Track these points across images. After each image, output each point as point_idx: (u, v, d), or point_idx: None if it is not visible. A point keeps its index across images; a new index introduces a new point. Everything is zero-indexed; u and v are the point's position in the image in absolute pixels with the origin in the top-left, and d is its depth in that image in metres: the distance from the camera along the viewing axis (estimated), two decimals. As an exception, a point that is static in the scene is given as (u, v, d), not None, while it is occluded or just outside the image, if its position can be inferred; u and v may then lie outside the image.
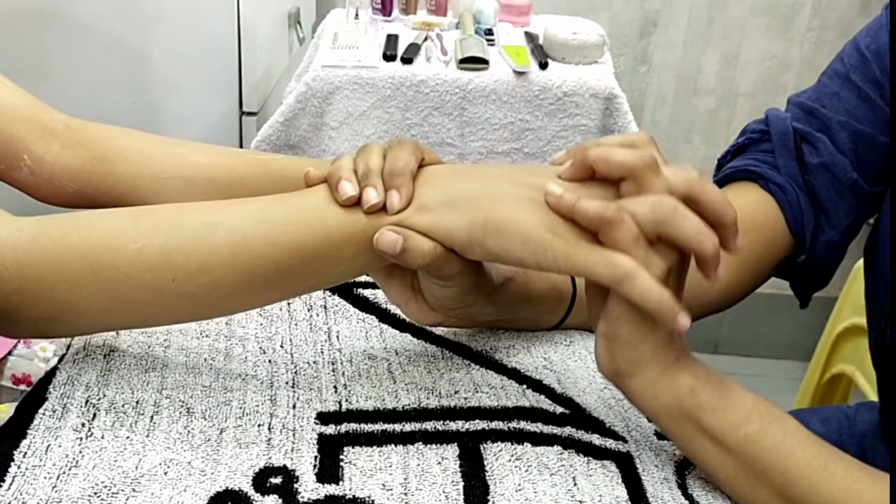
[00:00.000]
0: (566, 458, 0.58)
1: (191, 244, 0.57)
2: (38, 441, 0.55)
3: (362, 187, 0.57)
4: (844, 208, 0.74)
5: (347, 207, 0.57)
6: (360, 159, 0.58)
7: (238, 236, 0.57)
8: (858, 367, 1.23)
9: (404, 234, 0.55)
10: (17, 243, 0.57)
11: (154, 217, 0.58)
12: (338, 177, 0.57)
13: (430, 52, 1.52)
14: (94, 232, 0.57)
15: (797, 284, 0.80)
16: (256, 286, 0.59)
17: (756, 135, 0.78)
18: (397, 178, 0.56)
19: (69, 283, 0.57)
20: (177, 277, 0.57)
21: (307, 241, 0.57)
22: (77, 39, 1.49)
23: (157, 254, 0.56)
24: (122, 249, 0.56)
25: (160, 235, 0.57)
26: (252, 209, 0.59)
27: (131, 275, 0.57)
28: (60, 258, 0.57)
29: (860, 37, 0.74)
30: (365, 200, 0.56)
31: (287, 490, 0.53)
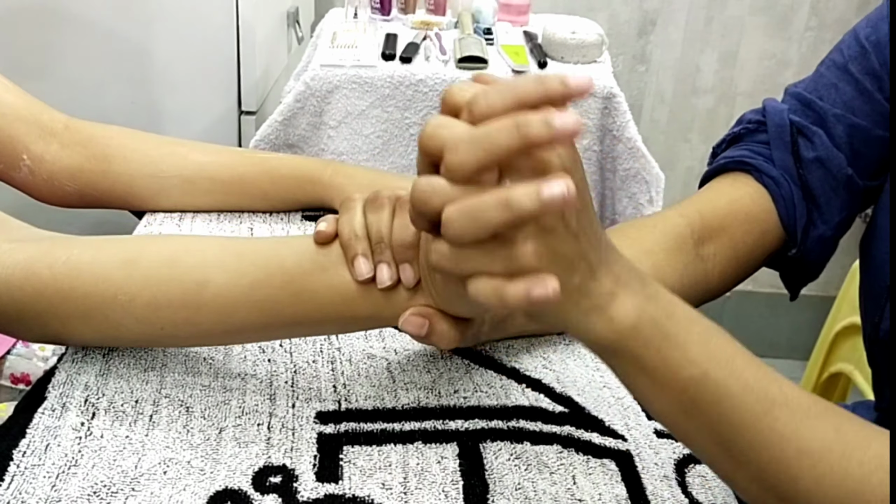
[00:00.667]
0: (565, 456, 0.58)
1: (179, 301, 0.56)
2: (37, 440, 0.55)
3: (375, 264, 0.55)
4: (837, 204, 0.74)
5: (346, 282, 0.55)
6: (371, 221, 0.56)
7: (228, 299, 0.56)
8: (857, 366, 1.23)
9: (430, 318, 0.54)
10: (10, 281, 0.58)
11: (145, 269, 0.57)
12: (354, 251, 0.55)
13: (428, 51, 1.51)
14: (84, 280, 0.57)
15: (787, 276, 0.80)
16: (245, 337, 0.60)
17: (752, 125, 0.78)
18: (409, 251, 0.54)
19: (62, 320, 0.58)
20: (164, 327, 0.57)
21: (298, 312, 0.56)
22: (77, 38, 1.48)
23: (146, 307, 0.57)
24: (111, 301, 0.57)
25: (149, 289, 0.57)
26: (246, 269, 0.57)
27: (121, 322, 0.58)
28: (53, 301, 0.58)
29: (860, 27, 0.74)
30: (379, 281, 0.55)
31: (286, 489, 0.53)
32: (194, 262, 0.57)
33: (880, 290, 0.71)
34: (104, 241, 0.60)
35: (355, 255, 0.55)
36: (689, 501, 0.56)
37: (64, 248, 0.59)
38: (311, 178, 0.84)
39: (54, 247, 0.59)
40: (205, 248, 0.58)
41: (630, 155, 1.49)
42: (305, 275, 0.56)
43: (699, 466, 0.59)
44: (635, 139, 1.49)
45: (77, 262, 0.58)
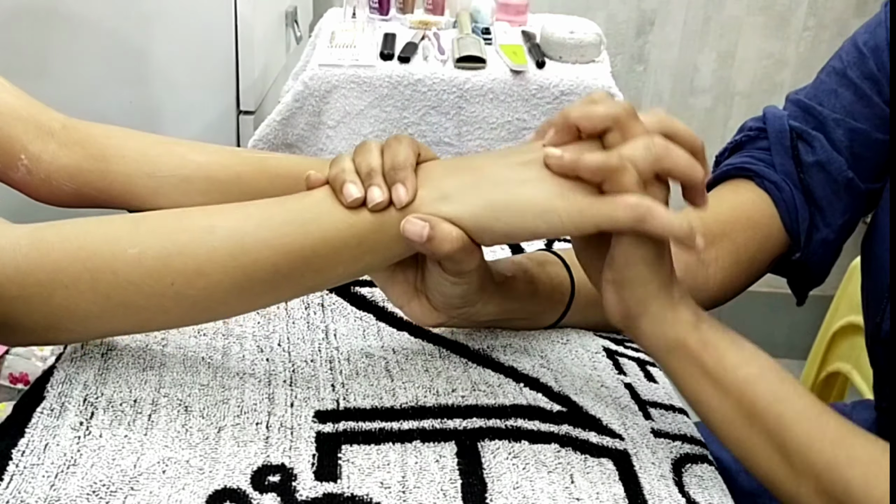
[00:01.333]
0: (563, 455, 0.58)
1: (189, 248, 0.57)
2: (36, 440, 0.55)
3: (366, 187, 0.57)
4: (839, 207, 0.74)
5: (348, 209, 0.57)
6: (359, 159, 0.58)
7: (236, 239, 0.57)
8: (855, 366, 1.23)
9: (431, 220, 0.55)
10: (17, 250, 0.57)
11: (152, 221, 0.58)
12: (342, 180, 0.57)
13: (427, 51, 1.52)
14: (92, 238, 0.57)
15: (793, 281, 0.80)
16: (254, 289, 0.59)
17: (753, 132, 0.79)
18: (400, 172, 0.56)
19: (68, 288, 0.57)
20: (175, 281, 0.57)
21: (306, 244, 0.57)
22: (75, 38, 1.48)
23: (156, 258, 0.56)
24: (120, 255, 0.56)
25: (158, 240, 0.57)
26: (250, 212, 0.58)
27: (130, 279, 0.57)
28: (60, 264, 0.57)
29: (858, 34, 0.75)
30: (370, 199, 0.56)
31: (285, 488, 0.53)
32: (199, 212, 0.59)
33: (882, 290, 0.71)
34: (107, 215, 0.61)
35: (343, 181, 0.57)
36: (686, 501, 0.56)
37: (68, 220, 0.59)
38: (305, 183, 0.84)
39: (59, 221, 0.59)
40: (208, 206, 0.60)
41: (628, 154, 1.49)
42: (308, 207, 0.58)
43: (696, 466, 0.60)
44: (633, 139, 1.49)
45: (84, 224, 0.58)
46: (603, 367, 0.69)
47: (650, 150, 0.54)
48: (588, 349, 0.71)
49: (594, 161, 0.53)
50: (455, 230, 0.56)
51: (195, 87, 1.52)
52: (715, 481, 0.59)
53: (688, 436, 0.63)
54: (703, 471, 0.59)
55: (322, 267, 0.58)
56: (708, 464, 0.60)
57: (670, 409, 0.65)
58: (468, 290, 0.61)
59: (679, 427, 0.63)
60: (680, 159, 0.55)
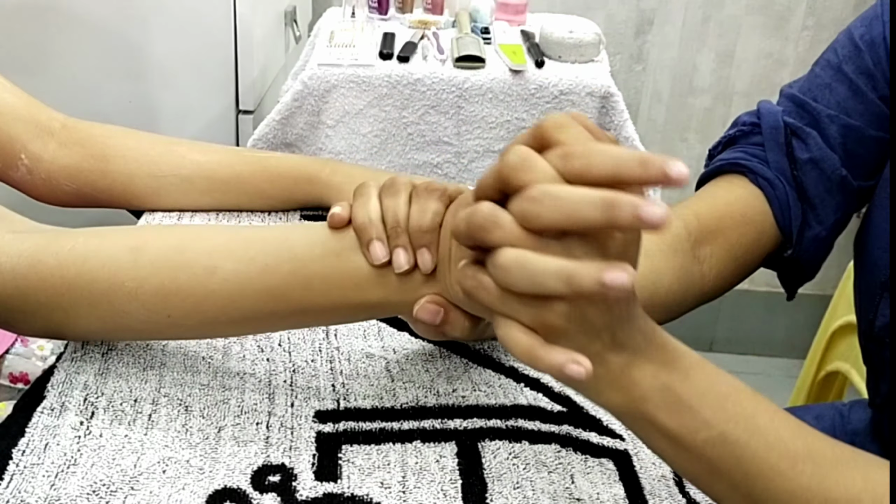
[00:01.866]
0: (564, 455, 0.58)
1: (187, 288, 0.56)
2: (36, 439, 0.55)
3: (391, 248, 0.54)
4: (832, 204, 0.74)
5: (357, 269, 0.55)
6: (387, 206, 0.55)
7: (236, 284, 0.56)
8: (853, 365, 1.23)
9: (445, 307, 0.54)
10: (16, 270, 0.57)
11: (152, 254, 0.57)
12: (368, 237, 0.54)
13: (426, 50, 1.52)
14: (91, 266, 0.57)
15: (784, 276, 0.80)
16: (251, 326, 0.59)
17: (747, 127, 0.78)
18: (426, 236, 0.53)
19: (67, 311, 0.58)
20: (172, 314, 0.57)
21: (308, 299, 0.56)
22: (74, 37, 1.48)
23: (154, 294, 0.56)
24: (118, 287, 0.56)
25: (157, 276, 0.56)
26: (255, 255, 0.56)
27: (127, 310, 0.57)
28: (58, 290, 0.57)
29: (854, 26, 0.74)
30: (396, 266, 0.54)
31: (285, 488, 0.53)
32: (202, 249, 0.57)
33: (875, 287, 0.71)
34: (109, 230, 0.60)
35: (370, 239, 0.54)
36: (687, 501, 0.56)
37: (69, 237, 0.59)
38: (310, 177, 0.84)
39: (59, 236, 0.59)
40: (212, 235, 0.58)
41: (627, 154, 1.49)
42: (316, 260, 0.55)
43: (697, 465, 0.60)
44: (633, 138, 1.49)
45: (83, 250, 0.57)
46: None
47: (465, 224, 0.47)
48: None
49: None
50: (462, 321, 0.54)
51: (194, 87, 1.52)
52: None
53: (688, 436, 0.63)
54: (703, 471, 0.59)
55: (321, 319, 0.58)
56: (708, 464, 0.60)
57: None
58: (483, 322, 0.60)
59: (679, 427, 0.63)
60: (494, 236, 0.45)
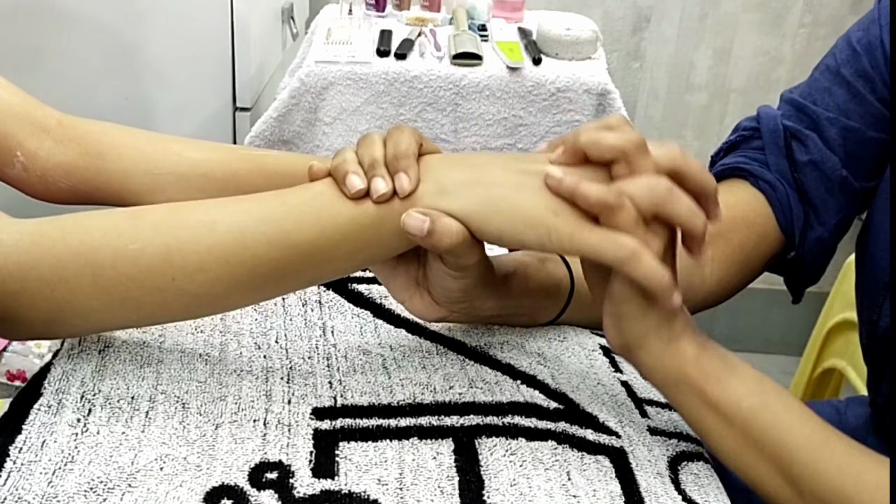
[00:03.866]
0: (560, 452, 0.58)
1: (189, 244, 0.57)
2: (33, 436, 0.55)
3: (369, 178, 0.56)
4: (834, 205, 0.74)
5: (345, 202, 0.57)
6: (362, 150, 0.58)
7: (236, 235, 0.57)
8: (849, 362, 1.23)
9: (432, 215, 0.55)
10: (17, 245, 0.57)
11: (152, 216, 0.58)
12: (344, 171, 0.57)
13: (423, 47, 1.52)
14: (93, 233, 0.57)
15: (789, 280, 0.81)
16: (255, 283, 0.59)
17: (748, 132, 0.79)
18: (402, 161, 0.56)
19: (70, 283, 0.57)
20: (176, 277, 0.57)
21: (305, 238, 0.57)
22: (71, 34, 1.48)
23: (157, 254, 0.57)
24: (121, 250, 0.57)
25: (159, 235, 0.57)
26: (250, 206, 0.59)
27: (131, 275, 0.57)
28: (61, 260, 0.57)
29: (852, 31, 0.75)
30: (374, 190, 0.56)
31: (282, 485, 0.53)
32: (199, 207, 0.59)
33: (878, 287, 0.72)
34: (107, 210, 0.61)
35: (346, 172, 0.56)
36: (683, 498, 0.56)
37: (69, 215, 0.59)
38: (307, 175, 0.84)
39: (59, 216, 0.59)
40: (206, 199, 0.60)
41: (624, 151, 1.49)
42: (308, 200, 0.58)
43: (692, 464, 0.60)
44: (630, 136, 1.49)
45: (84, 221, 0.58)
46: (600, 364, 0.69)
47: (652, 191, 0.53)
48: (585, 347, 0.71)
49: (591, 192, 0.52)
50: (455, 224, 0.55)
51: (191, 84, 1.52)
52: (711, 479, 0.59)
53: (684, 434, 0.63)
54: (700, 468, 0.60)
55: (322, 261, 0.59)
56: (704, 461, 0.61)
57: (666, 407, 0.65)
58: (469, 285, 0.61)
59: (675, 425, 0.63)
60: (681, 207, 0.53)
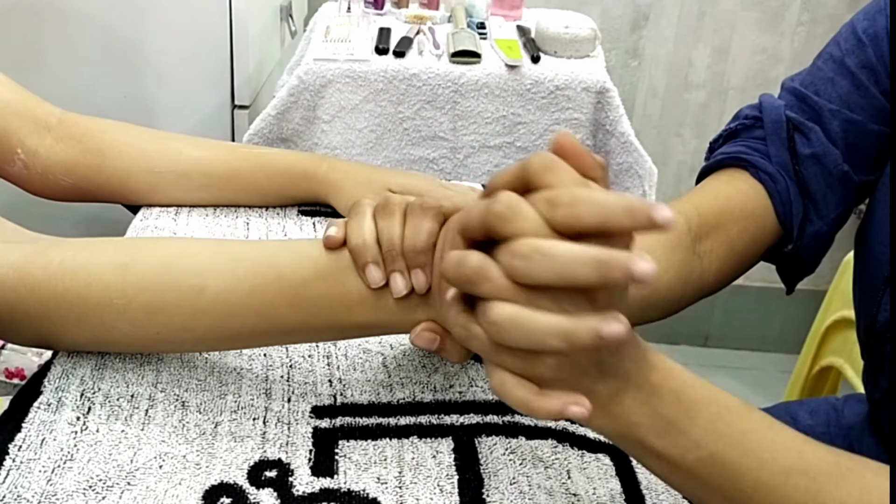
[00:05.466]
0: (560, 451, 0.58)
1: (175, 306, 0.56)
2: (33, 434, 0.55)
3: (388, 272, 0.54)
4: (833, 200, 0.74)
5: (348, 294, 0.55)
6: (382, 227, 0.55)
7: (225, 305, 0.56)
8: (847, 360, 1.23)
9: (441, 335, 0.54)
10: (4, 282, 0.57)
11: (140, 271, 0.57)
12: (364, 261, 0.54)
13: (422, 45, 1.51)
14: (79, 282, 0.57)
15: (783, 270, 0.80)
16: (242, 343, 0.60)
17: (749, 121, 0.78)
18: (420, 256, 0.53)
19: (55, 323, 0.58)
20: (160, 332, 0.57)
21: (297, 321, 0.56)
22: (70, 32, 1.48)
23: (142, 311, 0.56)
24: (106, 304, 0.56)
25: (145, 293, 0.56)
26: (244, 275, 0.56)
27: (116, 326, 0.57)
28: (47, 304, 0.57)
29: (857, 20, 0.74)
30: (395, 291, 0.54)
31: (282, 483, 0.54)
32: (190, 267, 0.57)
33: (877, 282, 0.71)
34: (98, 242, 0.60)
35: (366, 263, 0.54)
36: (683, 497, 0.56)
37: (58, 249, 0.58)
38: (307, 173, 0.84)
39: (49, 248, 0.59)
40: (201, 251, 0.58)
41: (623, 149, 1.49)
42: (304, 283, 0.55)
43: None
44: (628, 133, 1.49)
45: (71, 264, 0.57)
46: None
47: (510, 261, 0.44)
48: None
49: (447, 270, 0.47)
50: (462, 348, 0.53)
51: (190, 82, 1.52)
52: None
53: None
54: (699, 466, 0.60)
55: (312, 337, 0.59)
56: (703, 459, 0.61)
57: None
58: None
59: (674, 422, 0.63)
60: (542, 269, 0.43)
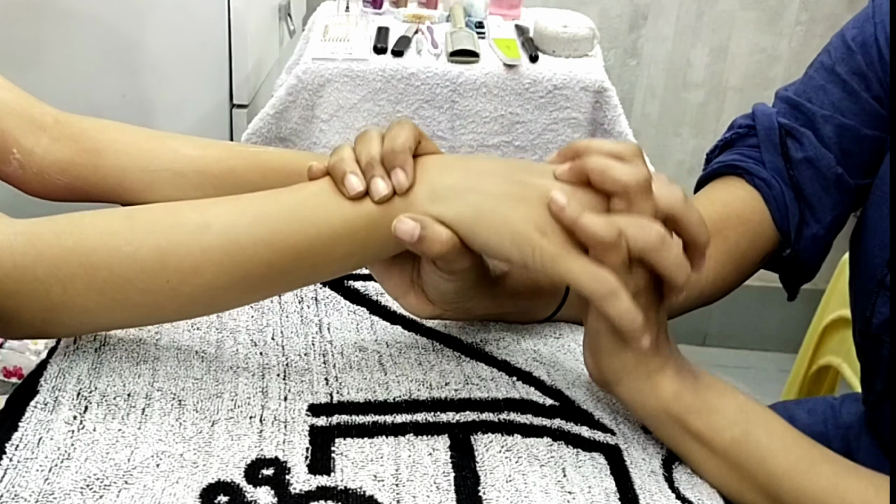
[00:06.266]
0: (556, 449, 0.59)
1: (184, 246, 0.57)
2: (29, 434, 0.55)
3: (368, 178, 0.56)
4: (829, 203, 0.75)
5: (340, 203, 0.57)
6: (360, 147, 0.57)
7: (231, 236, 0.57)
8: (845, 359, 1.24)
9: (423, 221, 0.55)
10: (13, 246, 0.57)
11: (147, 217, 0.58)
12: (342, 171, 0.56)
13: (420, 44, 1.52)
14: (88, 234, 0.57)
15: (785, 277, 0.81)
16: (249, 284, 0.59)
17: (743, 130, 0.79)
18: (399, 156, 0.55)
19: (64, 284, 0.57)
20: (171, 279, 0.57)
21: (301, 240, 0.57)
22: (68, 31, 1.48)
23: (151, 256, 0.56)
24: (116, 252, 0.56)
25: (153, 237, 0.57)
26: (245, 207, 0.58)
27: (126, 276, 0.57)
28: (56, 261, 0.57)
29: (847, 29, 0.75)
30: (374, 192, 0.56)
31: (279, 481, 0.54)
32: (193, 208, 0.58)
33: (871, 284, 0.72)
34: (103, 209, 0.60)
35: (344, 173, 0.56)
36: (676, 496, 0.56)
37: (64, 216, 0.59)
38: (303, 172, 0.84)
39: (54, 216, 0.59)
40: (201, 199, 0.60)
41: (621, 149, 1.49)
42: (303, 202, 0.57)
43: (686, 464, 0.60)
44: (626, 133, 1.49)
45: (79, 221, 0.58)
46: (595, 361, 0.69)
47: (645, 236, 0.52)
48: (581, 344, 0.71)
49: (591, 227, 0.51)
50: (445, 232, 0.55)
51: (188, 81, 1.52)
52: (704, 479, 0.59)
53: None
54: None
55: (316, 262, 0.58)
56: (699, 457, 0.61)
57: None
58: (462, 287, 0.61)
59: (670, 421, 0.64)
60: (668, 258, 0.53)
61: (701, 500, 0.57)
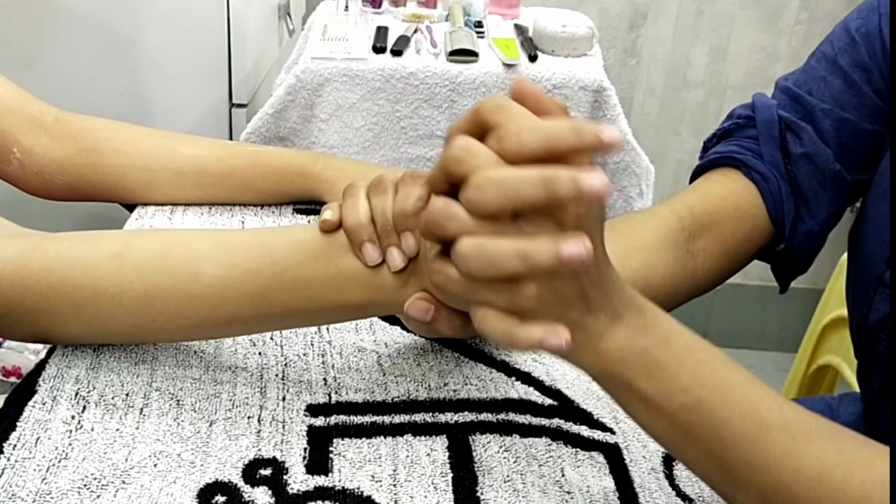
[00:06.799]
0: (554, 449, 0.59)
1: (170, 293, 0.56)
2: (27, 433, 0.55)
3: (384, 247, 0.54)
4: (825, 199, 0.74)
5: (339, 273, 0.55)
6: (376, 204, 0.55)
7: (219, 289, 0.56)
8: (844, 359, 1.24)
9: (435, 304, 0.53)
10: (1, 275, 0.57)
11: (135, 259, 0.57)
12: (360, 239, 0.54)
13: (419, 44, 1.51)
14: (74, 273, 0.57)
15: (777, 270, 0.81)
16: (236, 329, 0.60)
17: (742, 120, 0.78)
18: (409, 220, 0.53)
19: (52, 315, 0.58)
20: (156, 319, 0.57)
21: (289, 301, 0.56)
22: (67, 30, 1.48)
23: (137, 299, 0.57)
24: (101, 292, 0.57)
25: (140, 281, 0.56)
26: (238, 259, 0.56)
27: (111, 314, 0.57)
28: (43, 294, 0.57)
29: (850, 18, 0.74)
30: (391, 263, 0.54)
31: (277, 482, 0.54)
32: (184, 254, 0.57)
33: (869, 281, 0.72)
34: (93, 234, 0.60)
35: (362, 241, 0.54)
36: (677, 494, 0.56)
37: (53, 242, 0.59)
38: (302, 171, 0.84)
39: (44, 241, 0.59)
40: (195, 240, 0.58)
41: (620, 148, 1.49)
42: (297, 265, 0.55)
43: (686, 459, 0.60)
44: (626, 132, 1.49)
45: (67, 255, 0.58)
46: (594, 360, 0.69)
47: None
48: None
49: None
50: (457, 318, 0.53)
51: (187, 80, 1.52)
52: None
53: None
54: (693, 464, 0.60)
55: (305, 320, 0.59)
56: (697, 457, 0.61)
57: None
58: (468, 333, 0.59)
59: (669, 421, 0.64)
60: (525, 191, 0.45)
61: (702, 497, 0.57)
